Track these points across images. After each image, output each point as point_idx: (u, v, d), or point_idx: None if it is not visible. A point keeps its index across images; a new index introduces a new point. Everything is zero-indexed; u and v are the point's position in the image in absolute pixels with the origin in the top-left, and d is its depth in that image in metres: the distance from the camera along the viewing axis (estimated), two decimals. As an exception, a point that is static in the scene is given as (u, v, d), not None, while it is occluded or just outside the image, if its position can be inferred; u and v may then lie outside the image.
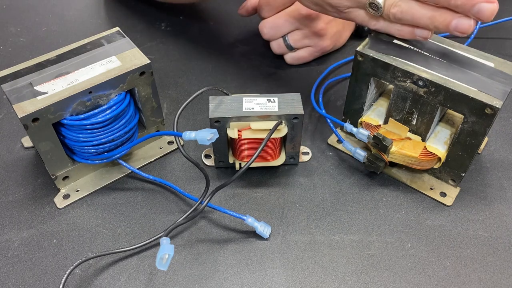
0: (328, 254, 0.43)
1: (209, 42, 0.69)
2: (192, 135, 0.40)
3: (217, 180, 0.50)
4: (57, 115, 0.43)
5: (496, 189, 0.49)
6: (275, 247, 0.44)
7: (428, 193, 0.48)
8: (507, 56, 0.64)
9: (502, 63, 0.44)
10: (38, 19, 0.74)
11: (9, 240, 0.45)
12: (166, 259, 0.38)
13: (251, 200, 0.48)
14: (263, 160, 0.49)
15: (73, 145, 0.46)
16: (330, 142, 0.53)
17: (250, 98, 0.47)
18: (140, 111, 0.50)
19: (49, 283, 0.41)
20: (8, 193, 0.49)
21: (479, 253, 0.43)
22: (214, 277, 0.42)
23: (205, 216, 0.47)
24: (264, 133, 0.45)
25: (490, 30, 0.69)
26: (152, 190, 0.49)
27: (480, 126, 0.42)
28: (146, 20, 0.73)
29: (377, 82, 0.48)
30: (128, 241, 0.45)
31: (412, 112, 0.46)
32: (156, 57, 0.66)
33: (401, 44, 0.46)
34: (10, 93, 0.42)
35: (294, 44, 0.61)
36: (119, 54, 0.46)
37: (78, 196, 0.48)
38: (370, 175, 0.50)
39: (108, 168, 0.50)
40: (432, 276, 0.42)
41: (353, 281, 0.42)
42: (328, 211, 0.47)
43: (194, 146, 0.53)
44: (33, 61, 0.46)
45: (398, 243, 0.44)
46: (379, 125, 0.49)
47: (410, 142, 0.47)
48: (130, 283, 0.41)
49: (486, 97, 0.40)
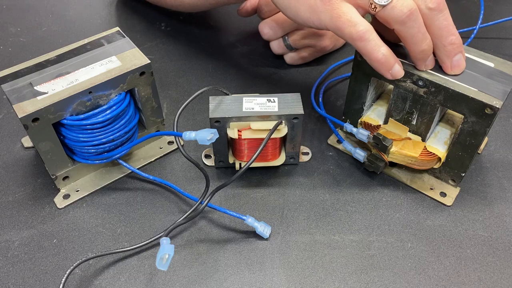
0: (328, 254, 0.43)
1: (209, 42, 0.69)
2: (192, 135, 0.40)
3: (217, 180, 0.50)
4: (57, 115, 0.43)
5: (496, 189, 0.49)
6: (275, 247, 0.44)
7: (428, 193, 0.48)
8: (507, 56, 0.64)
9: (502, 63, 0.44)
10: (38, 19, 0.74)
11: (9, 240, 0.45)
12: (166, 259, 0.38)
13: (251, 200, 0.48)
14: (263, 160, 0.49)
15: (73, 145, 0.46)
16: (330, 142, 0.53)
17: (250, 98, 0.47)
18: (140, 111, 0.50)
19: (49, 283, 0.41)
20: (8, 193, 0.49)
21: (479, 253, 0.43)
22: (214, 277, 0.42)
23: (205, 216, 0.47)
24: (264, 133, 0.45)
25: (490, 30, 0.69)
26: (152, 190, 0.49)
27: (480, 126, 0.42)
28: (146, 20, 0.73)
29: (377, 82, 0.48)
30: (128, 241, 0.45)
31: (412, 112, 0.46)
32: (156, 57, 0.66)
33: (401, 44, 0.46)
34: (10, 93, 0.42)
35: (294, 44, 0.61)
36: (119, 54, 0.46)
37: (78, 196, 0.48)
38: (370, 175, 0.50)
39: (108, 168, 0.50)
40: (432, 276, 0.42)
41: (353, 281, 0.42)
42: (328, 211, 0.47)
43: (194, 146, 0.53)
44: (33, 61, 0.46)
45: (398, 243, 0.44)
46: (379, 125, 0.49)
47: (410, 142, 0.47)
48: (130, 283, 0.41)
49: (486, 97, 0.40)
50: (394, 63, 0.39)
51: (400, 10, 0.36)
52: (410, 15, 0.37)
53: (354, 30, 0.38)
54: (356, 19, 0.38)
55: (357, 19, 0.38)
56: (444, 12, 0.37)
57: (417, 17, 0.37)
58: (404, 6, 0.36)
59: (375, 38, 0.38)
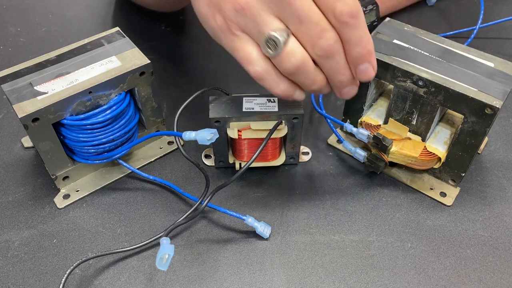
0: (328, 254, 0.43)
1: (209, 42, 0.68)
2: (192, 135, 0.39)
3: (217, 180, 0.50)
4: (57, 115, 0.43)
5: (496, 189, 0.49)
6: (275, 247, 0.44)
7: (428, 193, 0.48)
8: (507, 56, 0.64)
9: (502, 63, 0.44)
10: (38, 19, 0.74)
11: (9, 240, 0.45)
12: (166, 259, 0.38)
13: (251, 200, 0.48)
14: (263, 160, 0.49)
15: (73, 145, 0.46)
16: (330, 142, 0.53)
17: (250, 98, 0.47)
18: (140, 111, 0.50)
19: (49, 283, 0.41)
20: (8, 193, 0.49)
21: (479, 253, 0.43)
22: (214, 277, 0.42)
23: (205, 216, 0.47)
24: (264, 133, 0.45)
25: (490, 30, 0.69)
26: (152, 190, 0.49)
27: (480, 126, 0.42)
28: (146, 20, 0.73)
29: (377, 82, 0.48)
30: (128, 241, 0.45)
31: (412, 112, 0.46)
32: (156, 57, 0.66)
33: (401, 44, 0.46)
34: (10, 93, 0.42)
35: None
36: (119, 54, 0.46)
37: (78, 196, 0.48)
38: (370, 175, 0.50)
39: (108, 168, 0.50)
40: (432, 276, 0.42)
41: (353, 281, 0.42)
42: (328, 211, 0.47)
43: (194, 146, 0.53)
44: (33, 61, 0.46)
45: (398, 243, 0.44)
46: (379, 125, 0.49)
47: (410, 142, 0.47)
48: (130, 283, 0.41)
49: (486, 97, 0.40)
50: (293, 93, 0.39)
51: (286, 66, 0.36)
52: (296, 70, 0.36)
53: (251, 69, 0.37)
54: (252, 57, 0.36)
55: (255, 57, 0.36)
56: (334, 57, 0.36)
57: (304, 69, 0.36)
58: (290, 61, 0.35)
59: (274, 77, 0.37)
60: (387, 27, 0.48)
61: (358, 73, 0.37)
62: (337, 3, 0.33)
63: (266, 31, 0.34)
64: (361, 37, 0.35)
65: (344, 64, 0.37)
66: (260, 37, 0.35)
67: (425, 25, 0.68)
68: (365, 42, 0.35)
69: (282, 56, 0.35)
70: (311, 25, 0.34)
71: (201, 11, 0.39)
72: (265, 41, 0.35)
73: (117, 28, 0.50)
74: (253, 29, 0.35)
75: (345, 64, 0.37)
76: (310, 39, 0.35)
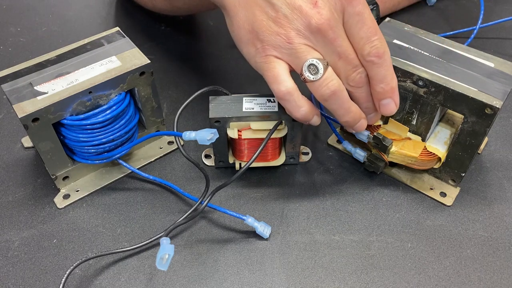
0: (328, 254, 0.43)
1: (209, 42, 0.69)
2: (192, 135, 0.40)
3: (217, 180, 0.50)
4: (57, 115, 0.43)
5: (496, 189, 0.49)
6: (275, 247, 0.44)
7: (428, 193, 0.48)
8: (507, 56, 0.64)
9: (502, 63, 0.44)
10: (38, 19, 0.74)
11: (9, 240, 0.45)
12: (166, 259, 0.38)
13: (251, 200, 0.48)
14: (263, 160, 0.49)
15: (73, 145, 0.46)
16: (330, 142, 0.53)
17: (250, 98, 0.47)
18: (140, 111, 0.50)
19: (49, 283, 0.41)
20: (8, 193, 0.49)
21: (479, 253, 0.43)
22: (214, 277, 0.42)
23: (205, 216, 0.47)
24: (264, 133, 0.45)
25: (490, 30, 0.69)
26: (152, 190, 0.49)
27: (480, 126, 0.42)
28: (146, 20, 0.73)
29: (377, 82, 0.48)
30: (128, 241, 0.45)
31: (412, 112, 0.46)
32: (156, 57, 0.66)
33: (401, 44, 0.46)
34: (10, 93, 0.42)
35: None
36: (119, 54, 0.46)
37: (78, 196, 0.48)
38: (370, 175, 0.50)
39: (108, 168, 0.50)
40: (432, 276, 0.42)
41: (353, 281, 0.42)
42: (328, 211, 0.47)
43: (194, 146, 0.53)
44: (33, 61, 0.46)
45: (398, 243, 0.44)
46: (379, 125, 0.49)
47: (410, 142, 0.47)
48: (130, 283, 0.41)
49: (486, 97, 0.40)
50: (311, 118, 0.42)
51: (324, 90, 0.39)
52: (332, 95, 0.39)
53: (276, 88, 0.40)
54: (281, 78, 0.40)
55: (282, 78, 0.40)
56: (364, 87, 0.40)
57: (339, 96, 0.40)
58: (328, 87, 0.39)
59: (296, 99, 0.40)
60: (387, 27, 0.48)
61: (380, 106, 0.41)
62: (366, 45, 0.38)
63: (309, 58, 0.38)
64: (385, 75, 0.39)
65: (368, 95, 0.41)
66: (298, 63, 0.39)
67: (425, 25, 0.68)
68: (389, 80, 0.40)
69: (321, 80, 0.39)
70: (347, 61, 0.39)
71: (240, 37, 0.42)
72: (307, 66, 0.38)
73: (117, 28, 0.50)
74: (292, 57, 0.39)
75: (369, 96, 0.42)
76: (345, 72, 0.39)
